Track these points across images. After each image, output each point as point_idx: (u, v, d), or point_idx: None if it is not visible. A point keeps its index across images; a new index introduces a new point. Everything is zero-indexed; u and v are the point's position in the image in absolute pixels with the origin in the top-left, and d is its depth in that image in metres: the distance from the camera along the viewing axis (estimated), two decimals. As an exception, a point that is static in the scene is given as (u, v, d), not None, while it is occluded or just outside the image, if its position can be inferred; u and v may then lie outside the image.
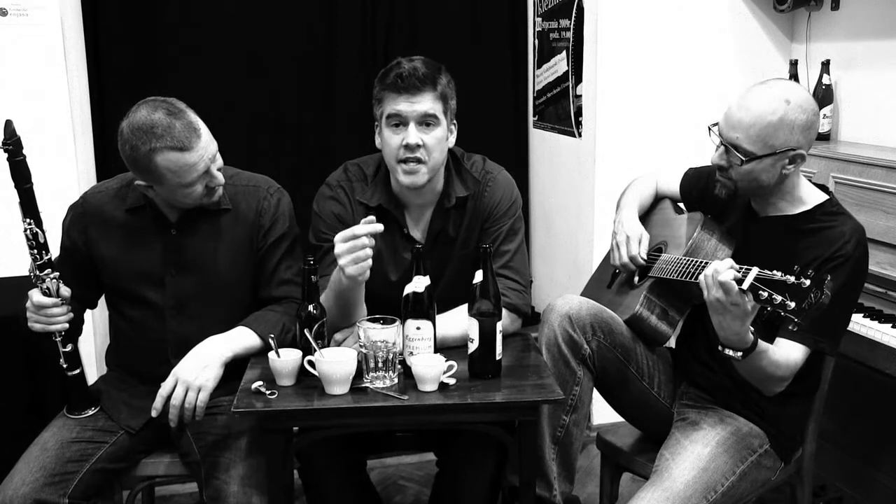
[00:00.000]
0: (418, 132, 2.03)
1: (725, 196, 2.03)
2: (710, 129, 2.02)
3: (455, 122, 2.16)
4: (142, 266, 2.09)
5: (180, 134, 1.91)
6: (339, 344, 2.01)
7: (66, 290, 1.98)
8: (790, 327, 1.68)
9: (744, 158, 1.92)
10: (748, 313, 1.72)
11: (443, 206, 2.17)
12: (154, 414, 1.95)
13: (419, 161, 2.05)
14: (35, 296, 1.95)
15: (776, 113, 1.89)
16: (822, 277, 1.62)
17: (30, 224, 1.93)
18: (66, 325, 1.99)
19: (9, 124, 1.90)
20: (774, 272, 1.66)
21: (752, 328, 1.77)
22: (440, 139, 2.07)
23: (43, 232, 1.95)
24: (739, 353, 1.79)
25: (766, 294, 1.65)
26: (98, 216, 2.11)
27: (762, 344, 1.82)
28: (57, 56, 2.91)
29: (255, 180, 2.18)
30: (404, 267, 2.15)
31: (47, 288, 1.95)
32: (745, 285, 1.67)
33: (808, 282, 1.61)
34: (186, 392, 1.92)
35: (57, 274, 1.97)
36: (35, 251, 1.94)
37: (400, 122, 2.04)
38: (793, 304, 1.62)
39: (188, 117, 1.95)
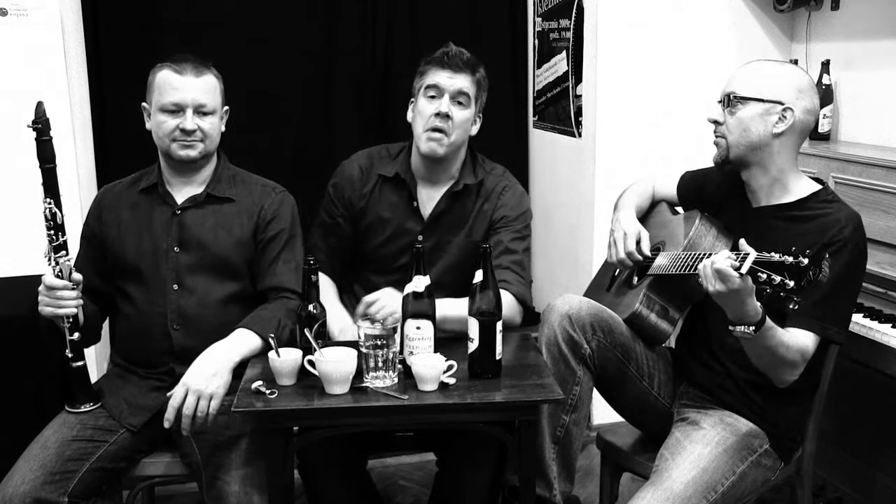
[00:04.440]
0: (450, 105, 2.23)
1: (718, 159, 2.07)
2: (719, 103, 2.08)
3: (480, 115, 2.36)
4: (146, 242, 2.16)
5: (185, 62, 2.11)
6: (336, 335, 2.03)
7: (77, 276, 2.01)
8: (791, 307, 1.68)
9: (730, 99, 2.00)
10: (750, 292, 1.73)
11: (452, 191, 2.33)
12: (167, 425, 1.95)
13: (444, 132, 2.23)
14: (47, 277, 1.98)
15: (769, 66, 2.03)
16: (820, 255, 1.63)
17: (49, 203, 1.98)
18: (75, 311, 2.01)
19: (39, 105, 1.98)
20: (772, 254, 1.67)
21: (758, 303, 1.77)
22: (466, 119, 2.27)
23: (62, 213, 1.99)
24: (752, 328, 1.78)
25: (764, 276, 1.66)
26: (113, 201, 2.22)
27: (770, 321, 1.81)
28: (57, 56, 2.91)
29: (264, 182, 2.29)
30: (405, 239, 2.31)
31: (60, 271, 1.98)
32: (744, 269, 1.68)
33: (805, 260, 1.62)
34: (198, 400, 1.92)
35: (71, 257, 2.00)
36: (52, 232, 1.99)
37: (437, 93, 2.25)
38: (792, 283, 1.63)
39: (205, 69, 2.14)
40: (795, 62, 3.12)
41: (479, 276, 1.90)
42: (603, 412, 2.51)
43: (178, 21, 3.32)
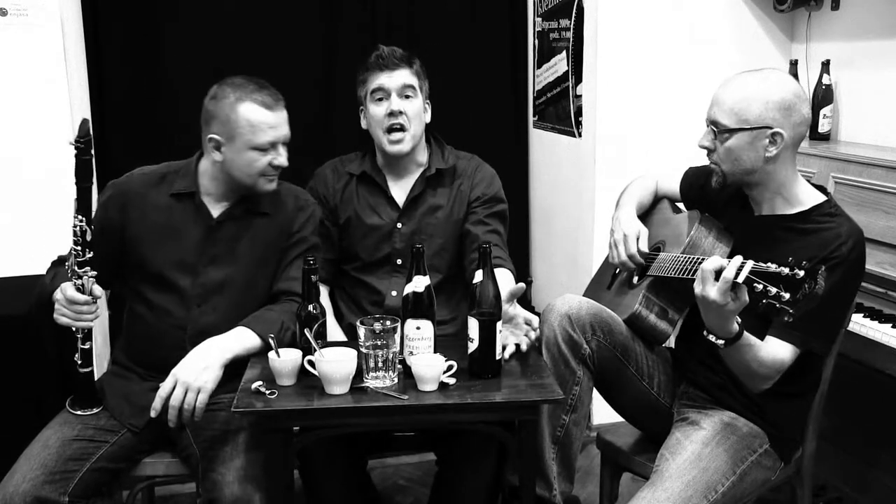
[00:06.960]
0: (400, 101, 2.31)
1: (716, 184, 2.04)
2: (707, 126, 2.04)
3: (429, 102, 2.43)
4: (177, 253, 2.13)
5: (269, 96, 2.08)
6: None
7: (98, 290, 1.99)
8: (785, 318, 1.68)
9: (716, 130, 1.96)
10: (733, 311, 1.73)
11: (424, 176, 2.41)
12: (153, 414, 1.96)
13: (403, 129, 2.32)
14: (69, 290, 1.96)
15: (749, 87, 1.94)
16: (816, 268, 1.62)
17: (81, 221, 1.96)
18: (92, 324, 2.00)
19: (84, 123, 1.97)
20: (769, 264, 1.66)
21: (738, 319, 1.78)
22: (418, 110, 2.35)
23: (91, 230, 1.98)
24: (722, 342, 1.80)
25: (761, 286, 1.65)
26: (141, 196, 2.16)
27: (748, 337, 1.82)
28: (57, 56, 2.91)
29: (296, 192, 2.29)
30: (383, 229, 2.40)
31: (82, 285, 1.97)
32: (741, 278, 1.68)
33: (801, 273, 1.61)
34: (186, 393, 1.93)
35: (95, 273, 1.98)
36: (79, 248, 1.97)
37: (383, 95, 2.33)
38: (787, 296, 1.62)
39: (280, 97, 2.12)
40: (795, 62, 3.12)
41: (478, 275, 1.90)
42: (603, 412, 2.51)
43: (179, 21, 3.32)
